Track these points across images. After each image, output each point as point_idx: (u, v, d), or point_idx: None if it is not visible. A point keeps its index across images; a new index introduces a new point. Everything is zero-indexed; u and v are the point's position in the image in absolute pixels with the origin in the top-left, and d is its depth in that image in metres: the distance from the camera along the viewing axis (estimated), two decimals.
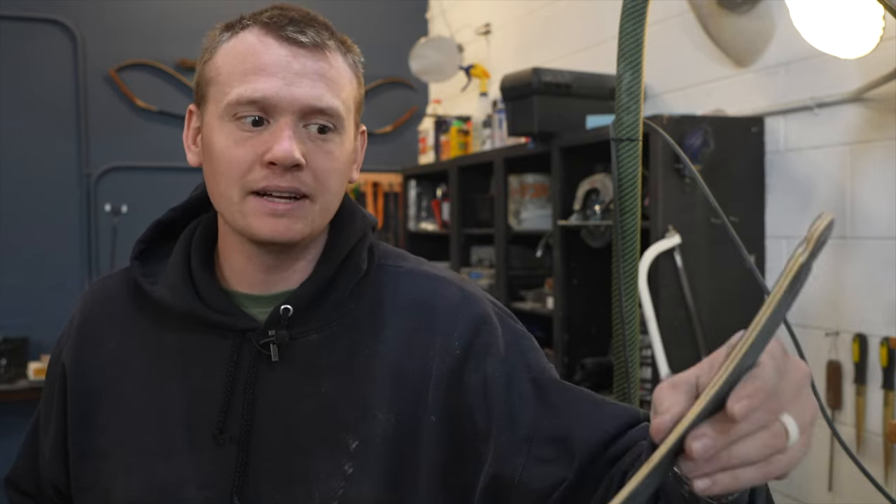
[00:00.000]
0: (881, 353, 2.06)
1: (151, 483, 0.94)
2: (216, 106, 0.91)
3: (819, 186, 2.24)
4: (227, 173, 0.90)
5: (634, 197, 1.22)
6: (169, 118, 4.23)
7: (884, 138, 2.07)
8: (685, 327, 2.29)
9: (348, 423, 0.93)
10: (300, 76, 0.89)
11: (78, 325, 1.03)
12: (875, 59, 1.96)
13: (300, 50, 0.89)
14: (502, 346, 0.97)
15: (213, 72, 0.92)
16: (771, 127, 2.37)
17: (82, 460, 0.98)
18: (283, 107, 0.88)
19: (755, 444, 0.55)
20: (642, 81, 1.19)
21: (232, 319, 0.95)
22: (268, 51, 0.89)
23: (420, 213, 3.96)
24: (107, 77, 4.14)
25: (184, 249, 1.00)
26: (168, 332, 0.98)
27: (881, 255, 2.08)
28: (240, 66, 0.89)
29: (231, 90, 0.89)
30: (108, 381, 0.99)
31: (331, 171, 0.91)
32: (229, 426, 0.93)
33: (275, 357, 0.94)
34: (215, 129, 0.91)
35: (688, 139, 2.24)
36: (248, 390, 0.93)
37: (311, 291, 0.95)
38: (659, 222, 2.27)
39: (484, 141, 3.52)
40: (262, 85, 0.88)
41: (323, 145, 0.91)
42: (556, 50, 3.41)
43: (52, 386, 1.04)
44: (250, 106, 0.88)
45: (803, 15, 1.94)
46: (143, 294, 0.99)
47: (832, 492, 2.20)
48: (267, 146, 0.88)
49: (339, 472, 0.92)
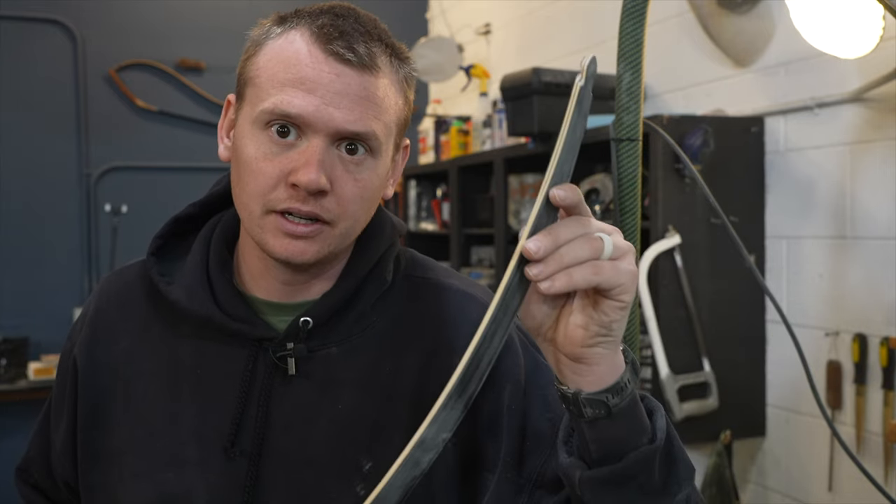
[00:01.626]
0: (881, 353, 2.06)
1: (159, 492, 0.92)
2: (251, 109, 0.88)
3: (819, 186, 2.24)
4: (251, 186, 0.87)
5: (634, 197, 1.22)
6: (169, 118, 4.23)
7: (884, 138, 2.07)
8: (685, 327, 2.29)
9: (363, 443, 0.91)
10: (341, 96, 0.84)
11: (91, 319, 1.01)
12: (875, 59, 1.96)
13: (346, 68, 0.85)
14: (522, 377, 0.94)
15: (254, 71, 0.88)
16: (771, 127, 2.37)
17: (90, 459, 0.97)
18: (317, 127, 0.84)
19: (578, 245, 0.67)
20: (642, 81, 1.19)
21: (249, 327, 0.92)
22: (312, 63, 0.85)
23: (420, 213, 3.96)
24: (107, 77, 4.14)
25: (202, 248, 0.97)
26: (183, 336, 0.95)
27: (881, 255, 2.08)
28: (281, 73, 0.85)
29: (268, 97, 0.85)
30: (120, 380, 0.96)
31: (357, 198, 0.88)
32: (241, 439, 0.91)
33: (291, 371, 0.91)
34: (246, 135, 0.88)
35: (688, 139, 2.24)
36: (262, 403, 0.91)
37: (333, 304, 0.93)
38: (659, 222, 2.27)
39: (484, 141, 3.52)
40: (298, 101, 0.84)
41: (354, 169, 0.87)
42: (556, 50, 3.41)
43: (64, 379, 1.01)
44: (284, 119, 0.85)
45: (803, 15, 1.94)
46: (158, 293, 0.96)
47: (832, 492, 2.20)
48: (294, 166, 0.85)
49: (350, 493, 0.90)
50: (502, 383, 0.92)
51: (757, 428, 2.41)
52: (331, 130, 0.85)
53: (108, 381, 0.97)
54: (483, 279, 3.29)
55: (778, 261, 2.37)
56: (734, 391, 2.35)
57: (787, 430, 2.36)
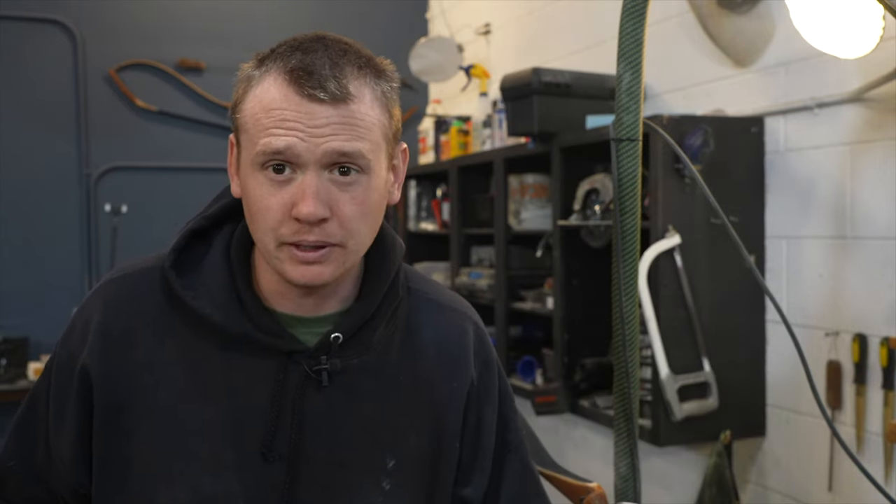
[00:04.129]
0: (881, 353, 2.06)
1: (197, 495, 0.96)
2: (248, 154, 0.95)
3: (819, 186, 2.24)
4: (262, 223, 0.94)
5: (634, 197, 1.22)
6: (169, 118, 4.23)
7: (884, 138, 2.07)
8: (685, 327, 2.29)
9: (386, 444, 1.02)
10: (321, 127, 0.91)
11: (100, 328, 1.01)
12: (875, 59, 1.96)
13: (320, 105, 0.91)
14: (496, 396, 1.12)
15: (243, 119, 0.96)
16: (771, 127, 2.37)
17: (108, 466, 0.98)
18: (306, 158, 0.91)
19: None
20: (642, 81, 1.19)
21: (281, 342, 0.98)
22: (289, 106, 0.91)
23: (420, 213, 3.96)
24: (107, 77, 4.14)
25: (224, 262, 1.02)
26: (208, 346, 0.99)
27: (881, 255, 2.08)
28: (264, 118, 0.92)
29: (258, 141, 0.92)
30: (141, 388, 0.98)
31: (358, 216, 0.94)
32: (276, 444, 0.98)
33: (325, 382, 0.99)
34: (249, 176, 0.95)
35: (688, 139, 2.24)
36: (297, 410, 0.98)
37: (358, 320, 1.01)
38: (659, 222, 2.27)
39: (484, 141, 3.52)
40: (282, 140, 0.91)
41: (349, 190, 0.93)
42: (556, 50, 3.41)
43: (68, 387, 1.01)
44: (275, 156, 0.92)
45: (803, 15, 1.94)
46: (182, 305, 0.99)
47: (832, 492, 2.20)
48: (294, 200, 0.92)
49: (377, 488, 1.01)
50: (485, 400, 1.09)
51: (757, 428, 2.41)
52: (319, 159, 0.91)
53: (127, 387, 0.98)
54: (483, 279, 3.29)
55: (778, 261, 2.37)
56: (734, 391, 2.35)
57: (787, 430, 2.36)
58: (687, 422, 2.26)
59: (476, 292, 3.29)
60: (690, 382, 2.28)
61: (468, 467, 1.09)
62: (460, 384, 1.07)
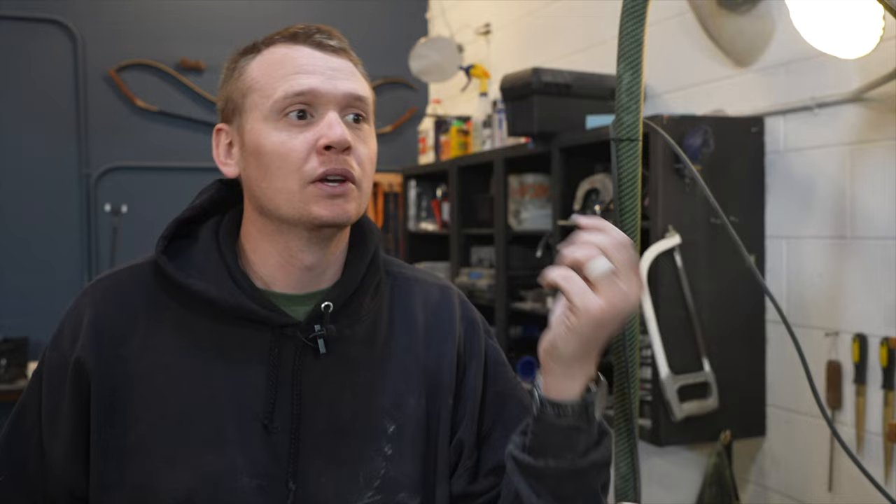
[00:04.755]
0: (881, 353, 2.06)
1: (202, 474, 0.96)
2: (260, 111, 0.98)
3: (819, 186, 2.24)
4: (284, 166, 0.96)
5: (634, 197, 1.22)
6: (169, 118, 4.23)
7: (884, 138, 2.07)
8: (685, 327, 2.29)
9: (386, 409, 1.03)
10: (335, 71, 0.98)
11: (93, 323, 1.01)
12: (875, 59, 1.96)
13: (330, 53, 1.00)
14: (482, 351, 1.14)
15: (248, 84, 0.99)
16: (771, 127, 2.37)
17: (109, 458, 0.98)
18: (327, 98, 0.97)
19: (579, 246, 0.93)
20: (642, 81, 1.19)
21: (275, 315, 1.00)
22: (303, 55, 0.98)
23: (420, 213, 3.96)
24: (107, 77, 4.14)
25: (214, 246, 1.03)
26: (203, 325, 1.00)
27: (881, 255, 2.08)
28: (279, 70, 0.98)
29: (276, 91, 0.97)
30: (137, 376, 0.99)
31: (369, 159, 1.01)
32: (277, 416, 0.98)
33: (322, 350, 1.01)
34: (262, 132, 0.97)
35: (688, 139, 2.24)
36: (296, 382, 1.00)
37: (348, 289, 1.04)
38: (659, 222, 2.27)
39: (484, 141, 3.52)
40: (305, 80, 0.96)
41: (360, 134, 1.00)
42: (556, 50, 3.41)
43: (59, 390, 1.00)
44: (298, 98, 0.96)
45: (803, 15, 1.94)
46: (173, 285, 1.00)
47: (832, 492, 2.20)
48: (320, 134, 0.96)
49: (380, 453, 1.02)
50: (470, 358, 1.11)
51: (757, 428, 2.41)
52: (339, 99, 0.98)
53: (122, 378, 0.99)
54: (483, 279, 3.29)
55: (778, 261, 2.37)
56: (734, 391, 2.35)
57: (787, 430, 2.36)
58: (687, 422, 2.26)
59: (476, 292, 3.29)
60: (690, 382, 2.28)
61: (458, 416, 1.10)
62: (450, 345, 1.10)
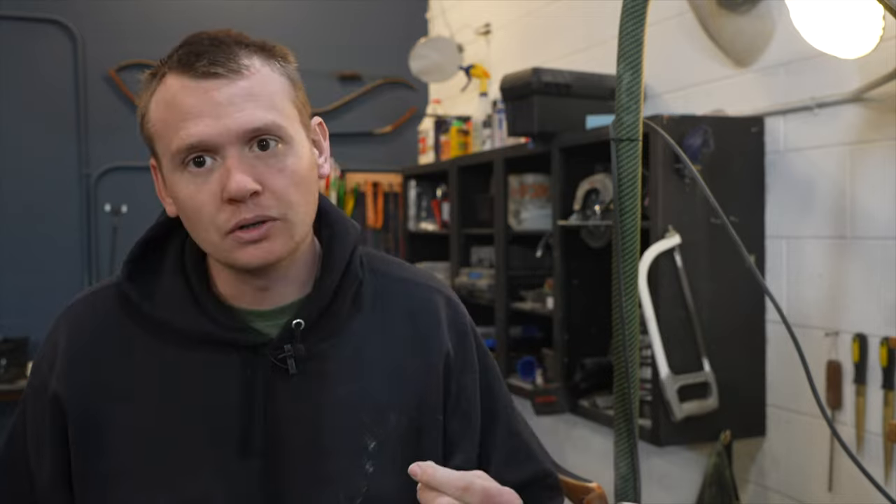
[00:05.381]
0: (881, 353, 2.06)
1: (178, 499, 0.95)
2: (167, 160, 0.94)
3: (819, 186, 2.24)
4: (200, 221, 0.93)
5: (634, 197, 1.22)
6: None
7: (884, 138, 2.07)
8: (685, 327, 2.29)
9: (366, 425, 1.00)
10: (225, 105, 0.90)
11: (65, 351, 1.01)
12: (875, 59, 1.96)
13: (217, 81, 0.91)
14: (475, 363, 1.11)
15: (152, 128, 0.95)
16: (771, 127, 2.37)
17: (88, 485, 0.98)
18: (221, 140, 0.90)
19: None
20: (642, 81, 1.19)
21: (243, 335, 0.98)
22: (188, 93, 0.91)
23: (420, 213, 3.96)
24: (107, 77, 4.14)
25: (178, 267, 1.01)
26: (174, 352, 0.99)
27: (881, 255, 2.08)
28: (169, 116, 0.92)
29: (171, 142, 0.92)
30: (111, 404, 0.98)
31: (289, 186, 0.93)
32: (252, 438, 0.97)
33: (292, 370, 0.98)
34: (175, 183, 0.94)
35: (688, 139, 2.24)
36: (270, 401, 0.97)
37: (319, 305, 1.00)
38: (659, 222, 2.27)
39: (484, 141, 3.52)
40: (193, 129, 0.90)
41: (274, 163, 0.93)
42: (556, 50, 3.41)
43: (42, 416, 1.01)
44: (191, 151, 0.91)
45: (803, 15, 1.94)
46: (141, 315, 1.00)
47: (832, 492, 2.20)
48: (222, 184, 0.91)
49: (360, 471, 0.99)
50: (462, 369, 1.08)
51: (757, 428, 2.41)
52: (233, 138, 0.91)
53: (98, 406, 0.98)
54: (483, 279, 3.29)
55: (778, 261, 2.37)
56: (734, 391, 2.35)
57: (787, 430, 2.36)
58: (687, 422, 2.26)
59: (476, 292, 3.29)
60: (690, 382, 2.28)
61: (455, 437, 1.07)
62: (436, 357, 1.06)
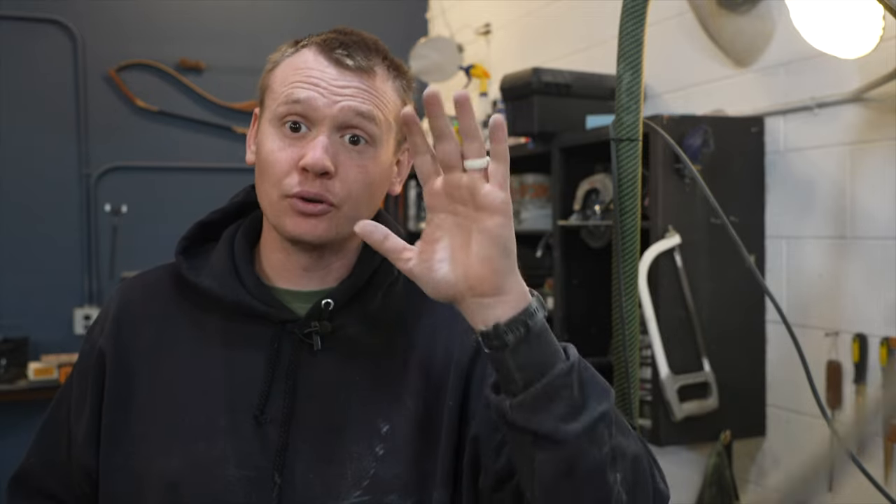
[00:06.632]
0: (881, 353, 2.06)
1: (191, 461, 1.00)
2: (269, 111, 1.02)
3: (819, 186, 2.24)
4: (270, 176, 1.00)
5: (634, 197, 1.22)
6: (169, 118, 4.22)
7: (884, 138, 2.07)
8: (685, 327, 2.29)
9: (380, 409, 1.02)
10: (341, 89, 0.99)
11: (114, 315, 1.09)
12: (875, 59, 1.96)
13: (345, 71, 0.99)
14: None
15: (271, 81, 1.03)
16: (771, 127, 2.37)
17: (114, 442, 1.04)
18: (321, 114, 0.98)
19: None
20: (642, 81, 1.19)
21: (275, 311, 1.03)
22: (316, 66, 1.00)
23: (420, 213, 3.96)
24: (107, 77, 4.14)
25: (227, 247, 1.08)
26: (209, 321, 1.05)
27: (881, 255, 2.08)
28: (291, 76, 1.00)
29: (279, 96, 1.00)
30: (148, 366, 1.05)
31: (360, 182, 1.00)
32: (270, 408, 1.00)
33: (317, 346, 1.02)
34: (265, 133, 1.01)
35: (688, 139, 2.24)
36: (290, 376, 1.01)
37: (350, 289, 1.04)
38: (659, 222, 2.27)
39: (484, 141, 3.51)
40: (304, 93, 0.98)
41: (356, 157, 1.00)
42: (556, 50, 3.41)
43: (86, 374, 1.08)
44: (293, 108, 0.98)
45: (803, 15, 1.94)
46: (187, 285, 1.06)
47: (832, 492, 2.20)
48: (303, 153, 0.97)
49: (370, 453, 1.00)
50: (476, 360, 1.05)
51: (757, 428, 2.41)
52: (334, 116, 0.98)
53: (134, 367, 1.05)
54: None
55: (778, 261, 2.37)
56: (734, 391, 2.35)
57: (787, 430, 2.36)
58: (687, 422, 2.26)
59: None
60: (690, 382, 2.28)
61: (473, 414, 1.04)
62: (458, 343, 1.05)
